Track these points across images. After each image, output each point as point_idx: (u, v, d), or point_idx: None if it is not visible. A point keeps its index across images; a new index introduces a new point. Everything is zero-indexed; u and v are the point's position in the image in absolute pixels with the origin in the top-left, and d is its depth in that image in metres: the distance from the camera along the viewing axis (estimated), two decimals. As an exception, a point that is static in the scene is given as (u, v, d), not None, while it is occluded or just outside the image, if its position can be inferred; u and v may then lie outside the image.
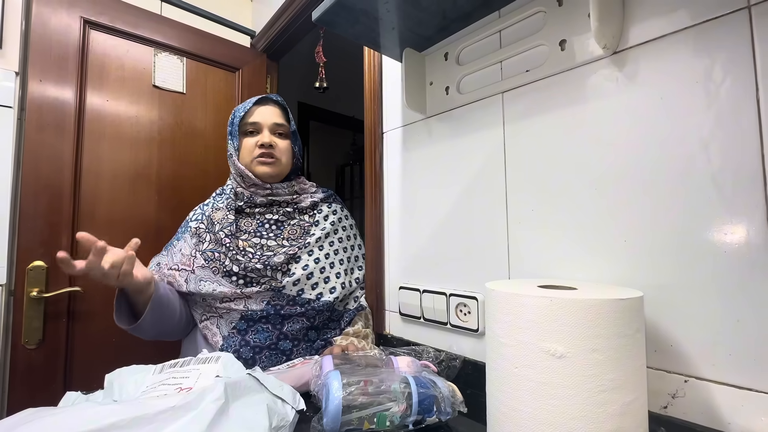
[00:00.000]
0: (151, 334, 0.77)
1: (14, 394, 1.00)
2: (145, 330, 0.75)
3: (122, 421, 0.40)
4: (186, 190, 1.33)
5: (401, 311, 0.81)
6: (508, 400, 0.38)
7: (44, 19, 1.10)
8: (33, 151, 1.06)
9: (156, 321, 0.75)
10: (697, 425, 0.42)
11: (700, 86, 0.43)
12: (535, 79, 0.59)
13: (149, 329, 0.76)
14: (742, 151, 0.40)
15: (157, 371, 0.56)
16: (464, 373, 0.64)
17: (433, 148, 0.77)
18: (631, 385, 0.36)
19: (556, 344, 0.35)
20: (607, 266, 0.51)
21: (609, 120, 0.51)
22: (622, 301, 0.36)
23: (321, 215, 0.92)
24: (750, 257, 0.40)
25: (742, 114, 0.41)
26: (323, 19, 0.65)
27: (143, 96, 1.27)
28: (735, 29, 0.41)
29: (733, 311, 0.41)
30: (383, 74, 0.91)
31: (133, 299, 0.74)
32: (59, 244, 1.08)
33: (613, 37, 0.49)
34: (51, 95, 1.10)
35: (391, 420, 0.50)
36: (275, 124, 0.89)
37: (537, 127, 0.59)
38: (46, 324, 1.05)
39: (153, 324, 0.75)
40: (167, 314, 0.77)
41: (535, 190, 0.59)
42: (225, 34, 1.51)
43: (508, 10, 0.64)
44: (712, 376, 0.42)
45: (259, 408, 0.48)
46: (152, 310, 0.73)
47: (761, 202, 0.39)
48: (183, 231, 0.90)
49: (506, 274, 0.62)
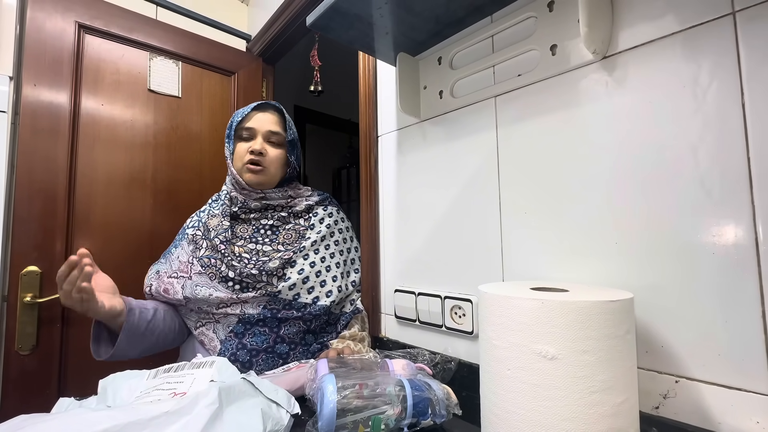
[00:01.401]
0: (135, 354, 0.76)
1: (7, 400, 0.99)
2: (124, 355, 0.74)
3: (115, 426, 0.39)
4: (181, 194, 1.33)
5: (397, 314, 0.81)
6: (500, 402, 0.39)
7: (39, 24, 1.10)
8: (27, 155, 1.06)
9: (135, 344, 0.74)
10: (689, 425, 0.43)
11: (687, 90, 0.44)
12: (527, 83, 0.60)
13: (130, 351, 0.75)
14: (729, 154, 0.41)
15: (151, 376, 0.56)
16: (459, 376, 0.64)
17: (427, 151, 0.77)
18: (622, 386, 0.36)
19: (548, 346, 0.36)
20: (598, 268, 0.51)
21: (599, 123, 0.52)
22: (612, 303, 0.36)
23: (316, 218, 0.92)
24: (738, 258, 0.40)
25: (729, 118, 0.41)
26: (318, 24, 0.65)
27: (138, 100, 1.27)
28: (721, 35, 0.42)
29: (721, 312, 0.41)
30: (378, 78, 0.92)
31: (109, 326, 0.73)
32: (53, 249, 1.07)
33: (602, 42, 0.50)
34: (45, 99, 1.09)
35: (386, 423, 0.50)
36: (269, 131, 0.89)
37: (529, 130, 0.60)
38: (40, 329, 1.04)
39: (133, 345, 0.74)
40: (147, 335, 0.76)
41: (528, 193, 0.59)
42: (221, 38, 1.51)
43: (500, 16, 0.64)
44: (703, 377, 0.42)
45: (253, 412, 0.48)
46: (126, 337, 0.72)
47: (747, 204, 0.40)
48: (180, 238, 0.90)
49: (500, 277, 0.63)
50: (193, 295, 0.78)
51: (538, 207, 0.58)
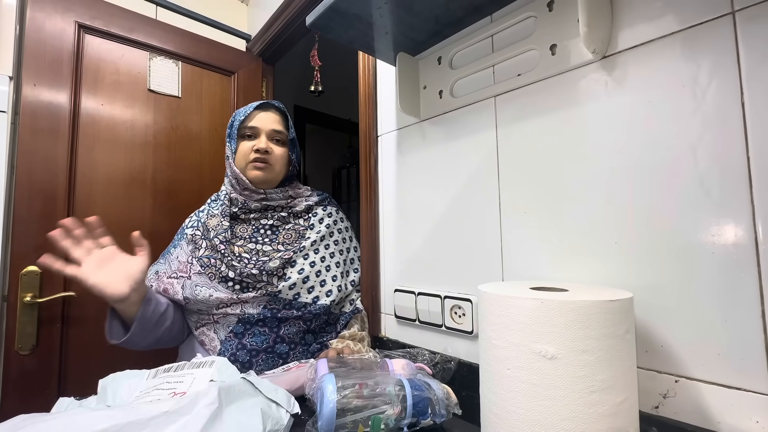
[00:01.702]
0: (143, 345, 0.77)
1: (7, 400, 0.99)
2: (136, 342, 0.75)
3: (115, 426, 0.39)
4: (181, 194, 1.33)
5: (397, 314, 0.81)
6: (500, 401, 0.39)
7: (38, 24, 1.10)
8: (27, 155, 1.06)
9: (147, 332, 0.75)
10: (689, 425, 0.43)
11: (687, 90, 0.44)
12: (527, 83, 0.60)
13: (140, 341, 0.75)
14: (729, 154, 0.41)
15: (151, 376, 0.56)
16: (459, 376, 0.64)
17: (427, 151, 0.77)
18: (621, 385, 0.36)
19: (548, 346, 0.36)
20: (598, 268, 0.51)
21: (599, 123, 0.52)
22: (612, 303, 0.36)
23: (316, 218, 0.92)
24: (737, 257, 0.40)
25: (728, 117, 0.41)
26: (317, 24, 0.65)
27: (138, 100, 1.27)
28: (720, 34, 0.42)
29: (721, 311, 0.41)
30: (378, 78, 0.92)
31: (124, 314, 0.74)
32: (53, 249, 1.07)
33: (601, 41, 0.50)
34: (45, 99, 1.09)
35: (385, 423, 0.50)
36: (273, 130, 0.90)
37: (529, 129, 0.60)
38: (40, 329, 1.04)
39: (143, 336, 0.75)
40: (160, 324, 0.77)
41: (528, 193, 0.59)
42: (220, 38, 1.51)
43: (500, 15, 0.64)
44: (702, 376, 0.42)
45: (253, 412, 0.48)
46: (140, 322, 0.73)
47: (747, 203, 0.40)
48: (179, 238, 0.90)
49: (500, 276, 0.63)
50: (193, 296, 0.78)
51: (538, 207, 0.58)
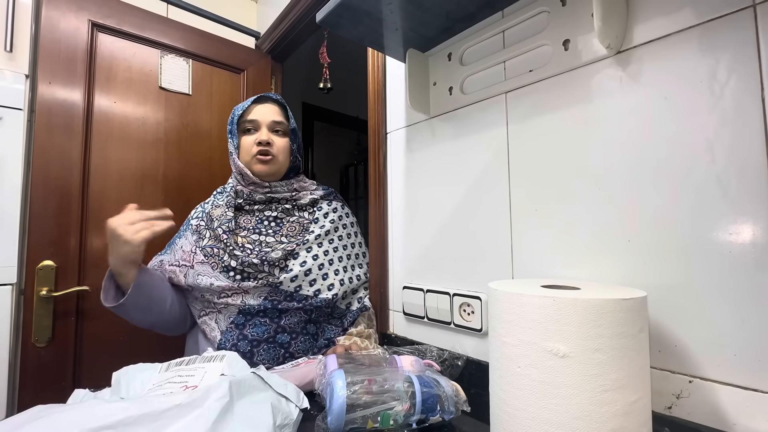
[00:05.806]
0: (140, 320, 0.80)
1: (24, 391, 1.01)
2: (131, 311, 0.77)
3: (129, 418, 0.40)
4: (192, 190, 1.34)
5: (405, 311, 0.81)
6: (511, 399, 0.39)
7: (53, 23, 1.12)
8: (42, 152, 1.08)
9: (142, 303, 0.77)
10: (702, 426, 0.42)
11: (704, 86, 0.43)
12: (539, 79, 0.59)
13: (136, 313, 0.78)
14: (747, 151, 0.40)
15: (164, 369, 0.57)
16: (467, 373, 0.64)
17: (436, 148, 0.77)
18: (634, 385, 0.36)
19: (559, 344, 0.35)
20: (611, 266, 0.50)
21: (613, 120, 0.51)
22: (625, 301, 0.36)
23: (321, 213, 0.92)
24: (755, 257, 0.39)
25: (747, 113, 0.40)
26: (327, 21, 0.65)
27: (150, 97, 1.29)
28: (740, 28, 0.41)
29: (738, 312, 0.40)
30: (387, 75, 0.91)
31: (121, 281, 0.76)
32: (68, 243, 1.10)
33: (616, 36, 0.49)
34: (60, 97, 1.11)
35: (394, 419, 0.50)
36: (274, 121, 0.90)
37: (540, 127, 0.59)
38: (56, 322, 1.07)
39: (139, 307, 0.77)
40: (155, 298, 0.79)
41: (539, 190, 0.59)
42: (230, 35, 1.52)
43: (512, 11, 0.63)
44: (717, 377, 0.42)
45: (263, 406, 0.48)
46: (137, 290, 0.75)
47: (766, 201, 0.39)
48: (185, 229, 0.91)
49: (510, 274, 0.62)
50: (196, 284, 0.80)
51: (549, 204, 0.57)
